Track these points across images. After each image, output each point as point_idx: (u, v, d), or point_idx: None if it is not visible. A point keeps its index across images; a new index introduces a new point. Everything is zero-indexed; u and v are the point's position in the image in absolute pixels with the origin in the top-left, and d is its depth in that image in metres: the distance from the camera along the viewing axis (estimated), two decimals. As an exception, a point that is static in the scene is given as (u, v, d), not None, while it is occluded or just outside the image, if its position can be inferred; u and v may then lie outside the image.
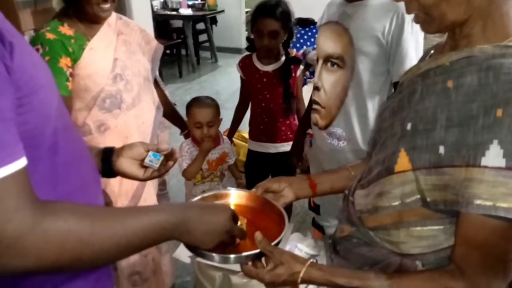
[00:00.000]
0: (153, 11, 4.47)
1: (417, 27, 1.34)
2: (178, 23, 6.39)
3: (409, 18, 1.33)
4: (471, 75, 0.67)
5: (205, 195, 1.00)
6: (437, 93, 0.71)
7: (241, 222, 0.90)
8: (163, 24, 6.08)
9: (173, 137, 2.00)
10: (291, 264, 0.79)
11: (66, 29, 1.37)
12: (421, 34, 1.38)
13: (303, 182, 1.03)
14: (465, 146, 0.63)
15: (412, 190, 0.70)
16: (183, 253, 1.46)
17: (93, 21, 1.42)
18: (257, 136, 2.10)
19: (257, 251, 0.81)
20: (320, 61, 1.54)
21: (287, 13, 1.84)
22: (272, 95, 1.97)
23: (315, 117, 1.62)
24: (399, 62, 1.37)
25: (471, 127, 0.63)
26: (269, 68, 1.94)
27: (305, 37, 4.09)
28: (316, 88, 1.57)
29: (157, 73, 1.76)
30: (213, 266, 1.37)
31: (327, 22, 1.52)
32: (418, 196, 0.70)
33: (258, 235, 0.82)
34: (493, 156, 0.60)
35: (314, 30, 3.57)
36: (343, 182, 0.98)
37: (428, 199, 0.69)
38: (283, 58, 1.96)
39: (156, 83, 1.74)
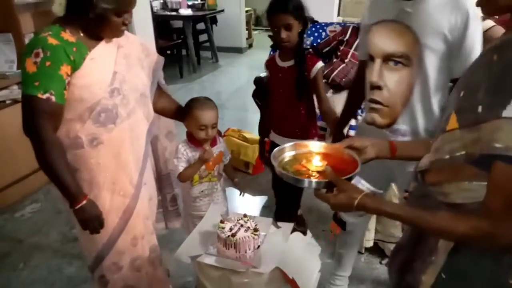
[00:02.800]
0: (153, 12, 4.47)
1: (479, 22, 1.39)
2: (178, 24, 6.40)
3: (473, 13, 1.35)
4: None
5: (298, 141, 1.26)
6: (485, 65, 0.83)
7: (323, 164, 1.15)
8: (163, 25, 6.09)
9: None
10: (351, 192, 0.98)
11: (68, 36, 1.32)
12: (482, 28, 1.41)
13: (384, 144, 1.19)
14: (496, 105, 0.75)
15: (459, 146, 0.83)
16: (184, 254, 1.46)
17: (102, 38, 1.40)
18: (279, 130, 2.13)
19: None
20: (379, 60, 1.53)
21: (298, 4, 1.89)
22: (284, 90, 2.01)
23: (371, 116, 1.61)
24: (464, 57, 1.38)
25: (503, 91, 0.75)
26: (285, 64, 1.99)
27: (305, 35, 4.09)
28: (377, 88, 1.55)
29: (161, 78, 1.74)
30: (214, 266, 1.37)
31: (380, 21, 1.51)
32: (463, 152, 0.82)
33: (327, 168, 1.05)
34: None
35: (313, 29, 3.58)
36: (423, 152, 1.04)
37: (468, 152, 0.81)
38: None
39: (160, 89, 1.72)
